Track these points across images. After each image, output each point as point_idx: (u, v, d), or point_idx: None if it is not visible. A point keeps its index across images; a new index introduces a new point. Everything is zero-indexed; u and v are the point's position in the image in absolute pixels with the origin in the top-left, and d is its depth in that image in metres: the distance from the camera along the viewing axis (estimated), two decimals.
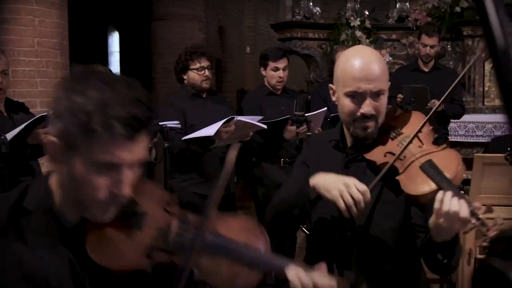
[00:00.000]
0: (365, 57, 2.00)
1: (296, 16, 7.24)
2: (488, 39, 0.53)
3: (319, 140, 2.31)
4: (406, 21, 7.31)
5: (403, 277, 2.06)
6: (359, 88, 1.95)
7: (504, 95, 0.52)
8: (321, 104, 4.84)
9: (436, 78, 5.28)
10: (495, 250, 0.53)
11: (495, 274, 0.51)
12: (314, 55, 7.22)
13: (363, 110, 1.96)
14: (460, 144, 6.52)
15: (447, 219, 1.66)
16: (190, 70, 4.28)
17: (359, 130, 2.00)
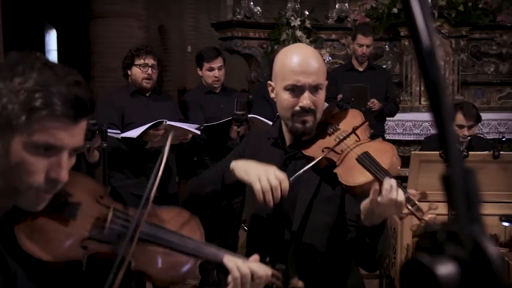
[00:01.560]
0: (303, 53, 2.04)
1: (237, 15, 7.25)
2: (414, 39, 0.54)
3: (257, 138, 2.31)
4: (345, 21, 7.44)
5: (336, 272, 2.09)
6: (298, 82, 1.97)
7: (430, 95, 0.54)
8: (262, 103, 4.87)
9: (370, 77, 5.40)
10: (422, 245, 0.54)
11: (421, 269, 0.52)
12: (255, 54, 7.25)
13: (302, 103, 1.98)
14: (397, 142, 6.67)
15: (383, 204, 1.69)
16: (134, 66, 4.26)
17: (298, 124, 2.01)
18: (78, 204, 1.45)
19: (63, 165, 1.27)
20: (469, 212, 0.53)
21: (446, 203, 0.55)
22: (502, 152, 3.85)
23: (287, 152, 2.12)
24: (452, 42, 7.16)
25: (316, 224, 2.01)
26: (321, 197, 2.01)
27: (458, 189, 0.53)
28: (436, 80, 0.53)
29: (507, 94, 7.38)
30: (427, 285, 0.51)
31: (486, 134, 6.01)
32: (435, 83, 0.53)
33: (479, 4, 7.29)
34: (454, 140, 0.53)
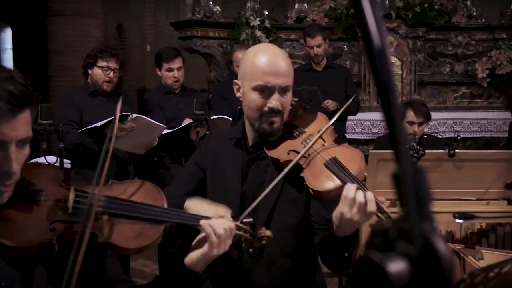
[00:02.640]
0: (274, 54, 2.04)
1: (196, 14, 7.21)
2: (365, 40, 0.54)
3: (218, 138, 2.29)
4: (304, 21, 7.47)
5: (300, 273, 2.10)
6: (268, 83, 1.97)
7: (380, 95, 0.54)
8: (222, 103, 4.86)
9: (329, 76, 5.43)
10: (374, 243, 0.55)
11: (373, 267, 0.53)
12: (215, 54, 7.23)
13: (271, 104, 1.98)
14: (356, 141, 6.74)
15: (353, 211, 1.70)
16: (96, 67, 4.21)
17: (266, 124, 2.02)
18: (41, 190, 1.52)
19: (11, 157, 1.33)
20: (419, 209, 0.54)
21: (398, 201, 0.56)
22: (457, 150, 3.93)
23: (250, 153, 2.12)
24: (409, 42, 7.27)
25: (280, 226, 2.00)
26: (285, 199, 2.01)
27: (408, 187, 0.54)
28: (387, 80, 0.54)
29: (462, 94, 7.53)
30: (379, 282, 0.52)
31: (442, 133, 6.12)
32: (386, 83, 0.54)
33: (435, 6, 7.42)
34: (404, 140, 0.54)
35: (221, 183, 2.08)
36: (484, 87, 7.32)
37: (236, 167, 2.10)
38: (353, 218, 1.72)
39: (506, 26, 7.40)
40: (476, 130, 6.99)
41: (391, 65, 0.55)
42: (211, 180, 2.12)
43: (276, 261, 2.03)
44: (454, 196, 3.99)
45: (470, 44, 7.60)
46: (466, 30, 7.54)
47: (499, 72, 7.07)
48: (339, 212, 1.75)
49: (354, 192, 1.71)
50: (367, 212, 1.70)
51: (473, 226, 3.74)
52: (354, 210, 1.70)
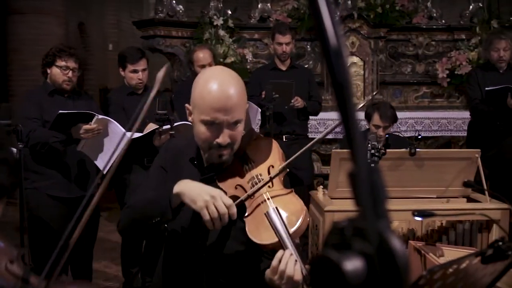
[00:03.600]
0: (223, 85, 1.94)
1: (159, 14, 7.16)
2: (322, 40, 0.55)
3: (176, 149, 2.24)
4: (268, 21, 7.49)
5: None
6: (216, 119, 1.92)
7: (336, 94, 0.55)
8: (184, 103, 4.83)
9: (293, 76, 5.46)
10: (330, 242, 0.55)
11: (330, 266, 0.53)
12: (178, 53, 7.19)
13: (219, 140, 1.94)
14: (320, 141, 6.78)
15: (282, 277, 1.75)
16: (55, 66, 4.15)
17: (214, 157, 1.99)
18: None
19: None
20: (375, 208, 0.54)
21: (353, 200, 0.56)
22: (418, 149, 3.99)
23: (203, 174, 2.09)
24: (371, 43, 7.35)
25: (231, 251, 2.01)
26: (235, 227, 1.99)
27: (364, 186, 0.54)
28: (343, 80, 0.54)
29: (423, 94, 7.64)
30: (335, 281, 0.52)
31: (403, 132, 6.20)
32: (342, 83, 0.54)
33: (396, 7, 7.51)
34: (360, 139, 0.55)
35: None
36: (444, 87, 7.44)
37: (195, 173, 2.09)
38: (280, 285, 1.78)
39: (465, 27, 7.54)
40: (437, 129, 7.09)
41: (347, 65, 0.55)
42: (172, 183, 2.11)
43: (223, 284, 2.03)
44: (415, 194, 4.05)
45: (431, 45, 7.72)
46: (426, 31, 7.66)
47: (459, 73, 7.20)
48: (268, 277, 1.82)
49: (284, 264, 1.75)
50: (293, 283, 1.75)
51: (433, 223, 3.80)
52: (282, 279, 1.76)
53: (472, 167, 4.01)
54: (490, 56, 5.52)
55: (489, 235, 3.80)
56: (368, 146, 3.05)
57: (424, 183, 4.04)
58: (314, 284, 0.55)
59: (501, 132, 5.44)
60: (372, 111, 4.62)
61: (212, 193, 1.83)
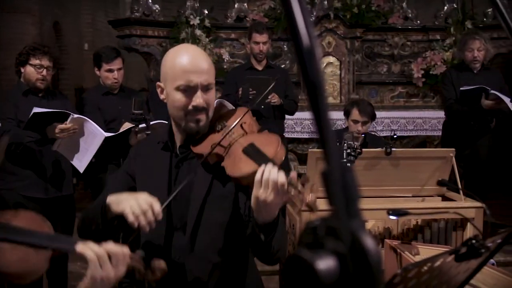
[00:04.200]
0: (193, 52, 2.05)
1: (135, 13, 7.12)
2: (294, 39, 0.55)
3: (147, 144, 2.29)
4: (244, 21, 7.49)
5: (234, 271, 2.11)
6: (191, 82, 1.98)
7: (309, 94, 0.55)
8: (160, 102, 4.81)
9: (269, 75, 5.47)
10: (303, 241, 0.55)
11: (302, 265, 0.53)
12: (154, 53, 7.15)
13: (195, 102, 1.99)
14: (296, 140, 6.81)
15: (267, 186, 1.72)
16: (28, 65, 4.11)
17: (192, 123, 2.02)
18: None
19: None
20: (347, 207, 0.54)
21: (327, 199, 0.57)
22: (394, 149, 4.02)
23: (178, 154, 2.12)
24: (347, 43, 7.39)
25: (211, 223, 2.02)
26: (214, 195, 2.03)
27: (336, 185, 0.54)
28: (316, 80, 0.54)
29: (398, 94, 7.70)
30: (308, 280, 0.52)
31: (379, 131, 6.25)
32: (314, 83, 0.54)
33: (372, 7, 7.57)
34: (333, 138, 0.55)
35: (149, 187, 2.05)
36: (419, 87, 7.51)
37: (164, 170, 2.10)
38: (267, 199, 1.73)
39: (440, 28, 7.61)
40: (412, 128, 7.16)
41: (320, 65, 0.55)
42: (140, 186, 2.11)
43: (209, 257, 2.04)
44: (391, 193, 4.08)
45: (406, 45, 7.78)
46: (402, 31, 7.72)
47: (434, 73, 7.27)
48: (254, 196, 1.76)
49: (266, 172, 1.73)
50: (279, 189, 1.72)
51: (409, 222, 3.83)
52: (267, 190, 1.72)
53: (447, 166, 4.05)
54: (465, 56, 5.58)
55: (464, 233, 3.84)
56: (344, 146, 3.06)
57: (400, 182, 4.07)
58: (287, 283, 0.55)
59: (476, 131, 5.51)
60: (351, 106, 4.66)
61: (136, 195, 1.86)
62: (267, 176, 1.72)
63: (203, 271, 2.03)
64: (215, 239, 2.04)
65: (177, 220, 2.06)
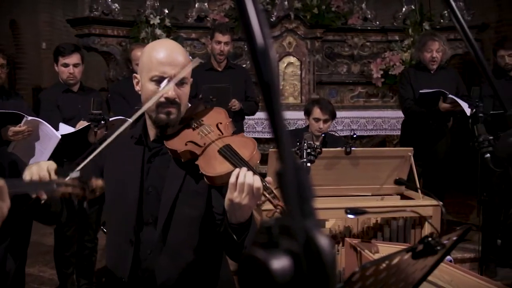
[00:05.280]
0: (171, 46, 2.08)
1: (94, 12, 7.03)
2: (249, 40, 0.55)
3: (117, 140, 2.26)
4: (205, 21, 7.46)
5: (204, 267, 2.10)
6: (165, 73, 1.99)
7: (263, 94, 0.55)
8: (120, 102, 4.76)
9: (229, 76, 5.47)
10: (259, 241, 0.55)
11: (257, 265, 0.53)
12: (114, 52, 7.08)
13: (167, 94, 1.99)
14: (257, 140, 6.80)
15: (242, 190, 1.73)
16: None
17: (163, 114, 2.02)
18: None
19: None
20: (301, 206, 0.55)
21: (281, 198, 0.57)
22: (353, 148, 4.06)
23: (151, 149, 2.11)
24: (308, 43, 7.44)
25: (183, 219, 2.01)
26: (187, 191, 2.02)
27: (290, 185, 0.55)
28: (270, 80, 0.54)
29: (358, 94, 7.79)
30: (263, 279, 0.53)
31: (339, 131, 6.30)
32: (268, 83, 0.54)
33: (332, 8, 7.63)
34: (287, 138, 0.55)
35: (120, 181, 2.06)
36: (378, 87, 7.60)
37: (136, 164, 2.09)
38: (241, 202, 1.74)
39: (398, 29, 7.72)
40: (372, 128, 7.24)
41: (274, 65, 0.56)
42: (109, 180, 2.08)
43: (181, 253, 2.03)
44: (350, 192, 4.12)
45: (366, 46, 7.87)
46: (361, 32, 7.81)
47: (392, 73, 7.37)
48: (229, 198, 1.77)
49: (242, 176, 1.74)
50: (254, 193, 1.73)
51: (369, 221, 3.88)
52: (242, 193, 1.73)
53: (406, 165, 4.11)
54: (423, 56, 5.66)
55: (422, 231, 3.91)
56: (304, 145, 3.08)
57: (360, 181, 4.11)
58: (242, 284, 0.55)
59: (434, 131, 5.60)
60: (312, 105, 4.70)
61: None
62: (242, 179, 1.73)
63: (174, 267, 2.02)
64: (187, 235, 2.03)
65: (148, 215, 2.04)
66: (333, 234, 3.79)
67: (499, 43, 5.59)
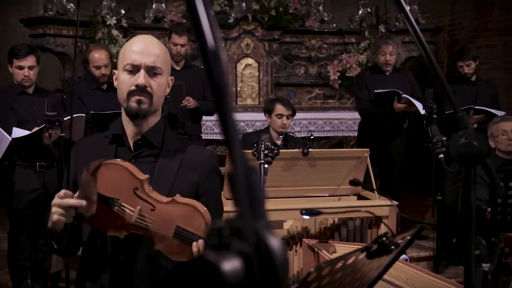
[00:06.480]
0: (147, 39, 2.08)
1: (48, 11, 6.90)
2: (199, 41, 0.55)
3: (88, 141, 2.25)
4: (162, 21, 7.41)
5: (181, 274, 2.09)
6: (135, 61, 1.97)
7: (214, 96, 0.55)
8: (76, 103, 4.70)
9: (187, 76, 5.44)
10: (210, 243, 0.55)
11: (208, 266, 0.53)
12: (69, 53, 6.96)
13: (136, 81, 1.96)
14: (215, 142, 6.80)
15: None
16: None
17: (133, 103, 1.98)
18: None
19: None
20: (252, 208, 0.55)
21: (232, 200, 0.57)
22: (311, 149, 4.09)
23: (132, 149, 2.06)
24: (266, 45, 7.46)
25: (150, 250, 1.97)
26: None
27: (241, 186, 0.55)
28: (221, 81, 0.54)
29: (315, 95, 7.84)
30: (214, 281, 0.52)
31: (297, 133, 6.35)
32: (219, 84, 0.54)
33: (289, 10, 7.67)
34: (237, 139, 0.55)
35: None
36: (336, 88, 7.67)
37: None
38: None
39: (355, 31, 7.81)
40: (329, 129, 7.30)
41: (225, 67, 0.56)
42: None
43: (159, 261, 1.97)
44: (308, 193, 4.16)
45: (323, 48, 7.93)
46: (318, 34, 7.87)
47: (349, 75, 7.44)
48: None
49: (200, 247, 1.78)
50: None
51: (326, 221, 3.91)
52: None
53: (362, 166, 4.16)
54: (378, 59, 5.75)
55: (379, 231, 3.96)
56: (262, 147, 3.09)
57: (317, 182, 4.15)
58: (193, 286, 0.55)
59: (389, 132, 5.68)
60: (273, 103, 4.78)
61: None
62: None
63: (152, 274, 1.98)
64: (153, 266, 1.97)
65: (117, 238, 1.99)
66: (291, 235, 3.81)
67: (458, 54, 5.83)
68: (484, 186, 3.77)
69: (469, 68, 5.71)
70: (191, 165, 2.06)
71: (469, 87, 5.74)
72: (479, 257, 1.75)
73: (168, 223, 1.86)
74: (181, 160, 2.06)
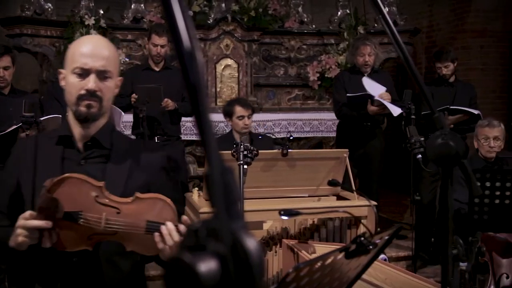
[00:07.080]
0: (96, 40, 2.08)
1: (26, 11, 6.83)
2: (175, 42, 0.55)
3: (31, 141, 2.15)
4: (141, 22, 7.37)
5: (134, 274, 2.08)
6: (86, 64, 1.93)
7: (190, 96, 0.55)
8: (54, 104, 4.65)
9: (166, 77, 5.43)
10: (186, 244, 0.55)
11: (184, 268, 0.53)
12: (47, 53, 6.89)
13: (87, 86, 1.93)
14: (195, 143, 6.78)
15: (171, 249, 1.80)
16: None
17: (83, 107, 1.95)
18: None
19: None
20: (228, 209, 0.55)
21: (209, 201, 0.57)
22: (290, 150, 4.10)
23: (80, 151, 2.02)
24: (245, 45, 7.45)
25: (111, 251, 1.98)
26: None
27: (217, 187, 0.55)
28: (197, 81, 0.54)
29: (295, 96, 7.85)
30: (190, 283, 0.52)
31: (277, 133, 6.35)
32: (195, 85, 0.54)
33: (269, 11, 7.68)
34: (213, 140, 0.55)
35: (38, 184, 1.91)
36: (315, 89, 7.69)
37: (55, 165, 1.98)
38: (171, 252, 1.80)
39: (334, 32, 7.84)
40: (309, 130, 7.31)
41: (201, 67, 0.55)
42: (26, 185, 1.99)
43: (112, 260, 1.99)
44: (288, 193, 4.16)
45: (302, 49, 7.95)
46: (298, 35, 7.88)
47: (328, 76, 7.46)
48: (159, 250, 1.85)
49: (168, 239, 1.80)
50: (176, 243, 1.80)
51: (306, 221, 3.92)
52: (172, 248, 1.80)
53: (341, 167, 4.18)
54: (356, 60, 5.79)
55: (358, 231, 3.98)
56: (241, 148, 3.09)
57: (297, 182, 4.16)
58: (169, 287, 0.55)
59: (368, 132, 5.72)
60: (232, 106, 4.80)
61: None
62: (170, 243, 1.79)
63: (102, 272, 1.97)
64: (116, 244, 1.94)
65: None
66: (271, 235, 3.82)
67: (436, 56, 5.91)
68: (466, 187, 3.80)
69: (447, 69, 5.79)
70: (140, 165, 2.06)
71: (447, 89, 5.82)
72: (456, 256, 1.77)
73: (137, 221, 1.85)
74: (131, 160, 2.05)
